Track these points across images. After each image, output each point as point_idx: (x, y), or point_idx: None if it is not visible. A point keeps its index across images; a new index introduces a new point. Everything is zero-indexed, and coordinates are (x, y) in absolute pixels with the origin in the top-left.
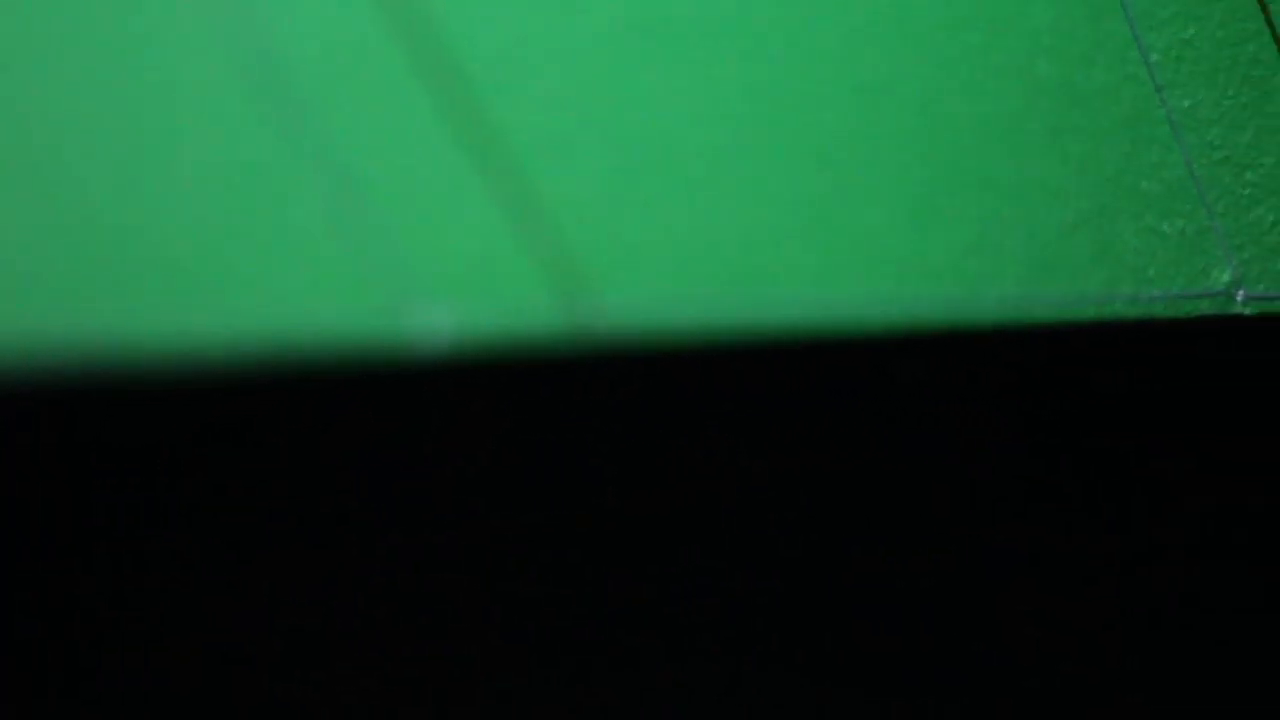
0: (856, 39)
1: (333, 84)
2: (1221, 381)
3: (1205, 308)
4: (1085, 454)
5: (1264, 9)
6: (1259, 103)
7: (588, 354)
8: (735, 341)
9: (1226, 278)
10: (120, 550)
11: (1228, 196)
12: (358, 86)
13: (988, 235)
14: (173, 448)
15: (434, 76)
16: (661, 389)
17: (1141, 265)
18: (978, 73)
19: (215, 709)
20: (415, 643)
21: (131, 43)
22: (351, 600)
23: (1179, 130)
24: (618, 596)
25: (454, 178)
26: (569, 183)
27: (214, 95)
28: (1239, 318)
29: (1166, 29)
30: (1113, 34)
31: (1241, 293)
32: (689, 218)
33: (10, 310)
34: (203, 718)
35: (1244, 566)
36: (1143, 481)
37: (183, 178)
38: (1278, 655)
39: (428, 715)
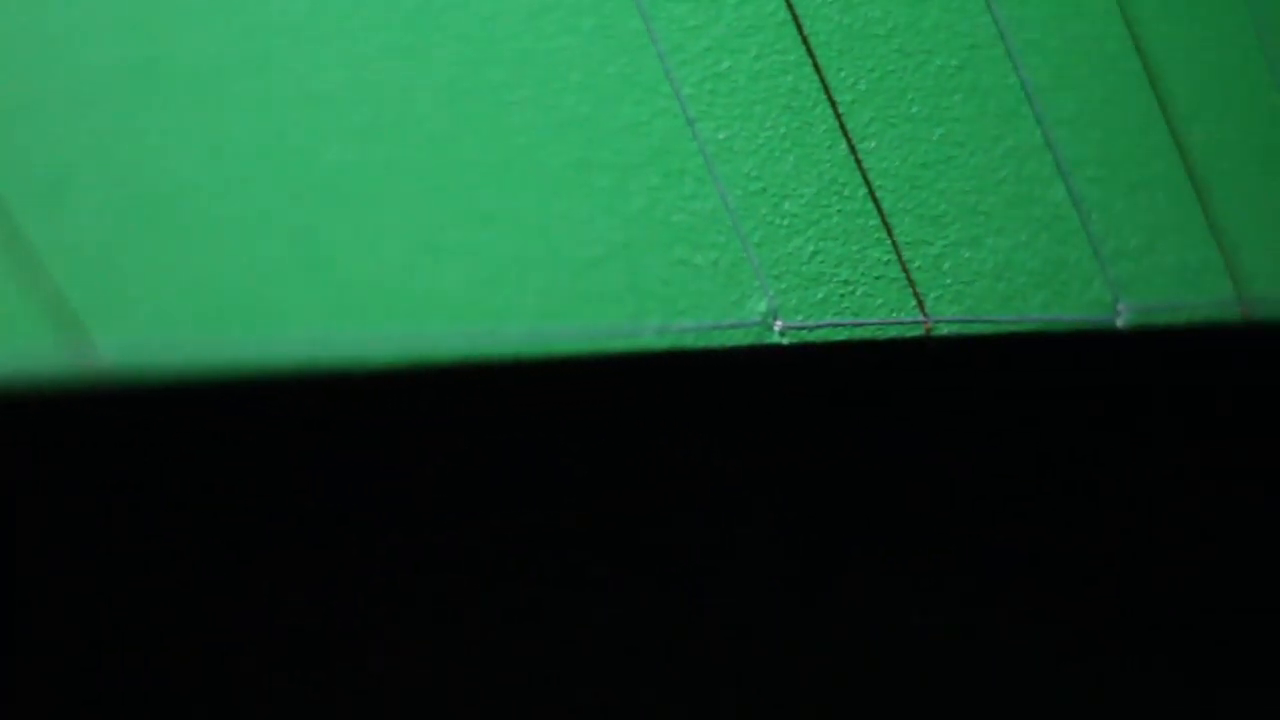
0: (368, 76)
1: None
2: (756, 413)
3: (740, 338)
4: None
5: (805, 41)
6: (799, 133)
7: (84, 396)
8: (234, 382)
9: (763, 308)
10: None
11: (765, 227)
12: None
13: (507, 269)
14: None
15: None
16: (162, 430)
17: (672, 297)
18: (497, 108)
19: None
20: None
21: None
22: None
23: (713, 162)
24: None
25: None
26: (66, 227)
27: None
28: (776, 348)
29: (699, 62)
30: (642, 68)
31: (779, 323)
32: (189, 260)
33: None
34: None
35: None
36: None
37: None
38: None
39: None
